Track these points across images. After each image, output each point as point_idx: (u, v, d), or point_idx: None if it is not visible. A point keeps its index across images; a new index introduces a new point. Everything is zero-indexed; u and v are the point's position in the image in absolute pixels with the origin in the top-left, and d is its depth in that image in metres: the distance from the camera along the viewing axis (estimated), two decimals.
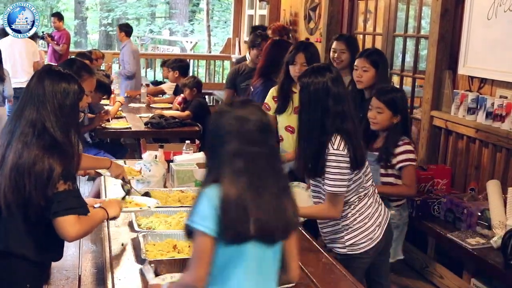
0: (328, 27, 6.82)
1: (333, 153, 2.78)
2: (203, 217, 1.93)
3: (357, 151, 2.81)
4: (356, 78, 4.02)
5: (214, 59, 12.42)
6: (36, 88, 2.41)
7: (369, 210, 2.95)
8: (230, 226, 1.91)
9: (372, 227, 2.94)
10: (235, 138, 1.96)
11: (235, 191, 1.92)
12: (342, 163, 2.78)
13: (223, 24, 22.52)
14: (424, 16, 5.59)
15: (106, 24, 23.33)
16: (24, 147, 2.33)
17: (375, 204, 2.99)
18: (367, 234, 2.93)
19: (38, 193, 2.31)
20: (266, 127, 2.01)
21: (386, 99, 3.45)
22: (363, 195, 2.93)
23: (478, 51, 4.37)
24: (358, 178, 2.88)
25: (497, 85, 4.23)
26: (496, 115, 4.11)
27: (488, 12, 4.23)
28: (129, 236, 2.87)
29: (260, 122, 1.99)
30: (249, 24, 9.75)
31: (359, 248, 2.92)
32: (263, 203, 1.94)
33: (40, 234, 2.43)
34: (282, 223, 1.99)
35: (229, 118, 1.99)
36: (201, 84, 6.80)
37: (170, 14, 23.79)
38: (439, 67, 4.74)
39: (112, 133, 5.91)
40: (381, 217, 3.00)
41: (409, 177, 3.47)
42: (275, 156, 2.05)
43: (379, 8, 6.11)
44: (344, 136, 2.79)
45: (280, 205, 1.99)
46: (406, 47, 5.73)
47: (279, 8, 8.67)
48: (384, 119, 3.45)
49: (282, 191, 2.02)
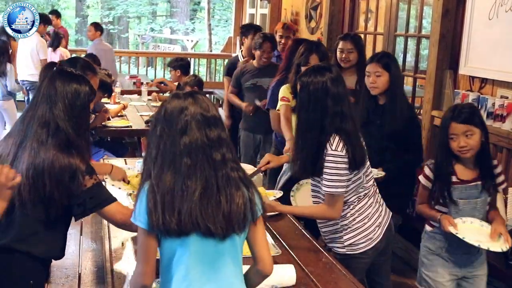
0: (329, 26, 6.82)
1: (332, 153, 2.77)
2: (139, 212, 1.96)
3: (356, 151, 2.79)
4: (370, 85, 3.80)
5: (215, 57, 12.42)
6: (48, 89, 2.44)
7: (369, 210, 2.94)
8: (158, 221, 1.91)
9: (372, 227, 2.94)
10: (164, 129, 1.97)
11: (162, 185, 1.93)
12: (340, 164, 2.77)
13: (224, 23, 22.52)
14: (425, 16, 5.59)
15: (107, 23, 23.32)
16: (40, 146, 2.35)
17: (375, 205, 2.98)
18: (367, 235, 2.92)
19: (61, 192, 2.34)
20: (203, 118, 1.99)
21: (477, 121, 2.99)
22: (362, 195, 2.92)
23: (479, 51, 4.37)
24: (357, 179, 2.87)
25: (498, 85, 4.23)
26: (497, 115, 4.11)
27: (489, 12, 4.22)
28: (129, 235, 2.88)
29: (196, 112, 1.98)
30: None
31: (358, 248, 2.92)
32: (189, 195, 1.93)
33: (50, 232, 2.44)
34: (220, 215, 1.96)
35: (164, 110, 2.00)
36: (203, 83, 6.80)
37: (171, 12, 23.80)
38: (440, 67, 4.74)
39: (112, 131, 5.91)
40: (381, 218, 2.99)
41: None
42: (214, 148, 1.99)
43: (380, 7, 6.11)
44: (343, 136, 2.78)
45: (218, 197, 1.96)
46: (407, 47, 5.73)
47: (280, 7, 8.66)
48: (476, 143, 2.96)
49: (226, 182, 1.98)
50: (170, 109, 1.99)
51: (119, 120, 6.12)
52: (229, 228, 1.98)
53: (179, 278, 1.98)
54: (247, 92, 5.69)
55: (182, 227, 1.93)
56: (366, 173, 2.92)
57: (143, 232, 1.97)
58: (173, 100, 2.02)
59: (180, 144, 1.95)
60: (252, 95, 5.62)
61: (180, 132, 1.96)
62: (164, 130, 1.98)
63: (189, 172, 1.94)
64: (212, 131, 1.99)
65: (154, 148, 1.99)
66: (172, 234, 1.94)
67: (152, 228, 1.94)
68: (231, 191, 1.99)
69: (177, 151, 1.95)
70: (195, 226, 1.93)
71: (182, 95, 2.04)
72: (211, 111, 2.02)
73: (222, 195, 1.97)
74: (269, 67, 5.58)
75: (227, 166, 2.01)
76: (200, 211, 1.93)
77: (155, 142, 1.99)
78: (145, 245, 1.99)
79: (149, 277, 2.00)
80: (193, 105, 1.99)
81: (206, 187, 1.95)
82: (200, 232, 1.95)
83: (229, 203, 1.97)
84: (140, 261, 2.01)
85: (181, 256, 1.97)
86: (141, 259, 2.01)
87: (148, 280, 2.00)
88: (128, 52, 15.68)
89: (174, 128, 1.96)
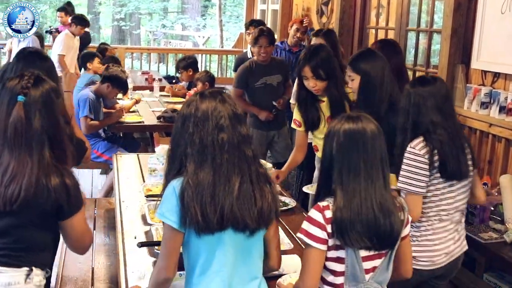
0: (340, 21, 6.79)
1: (408, 150, 2.75)
2: (168, 210, 1.97)
3: (448, 159, 2.74)
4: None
5: (227, 53, 12.45)
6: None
7: (444, 234, 2.84)
8: (195, 217, 1.92)
9: (439, 252, 2.83)
10: (198, 127, 1.99)
11: (200, 181, 1.94)
12: (415, 162, 2.73)
13: (235, 19, 22.50)
14: (436, 11, 5.56)
15: (119, 19, 23.39)
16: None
17: (454, 233, 2.88)
18: (431, 256, 2.81)
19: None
20: (234, 115, 2.03)
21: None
22: (445, 217, 2.83)
23: (492, 46, 4.34)
24: (446, 192, 2.80)
25: (511, 79, 4.21)
26: (509, 110, 4.08)
27: (502, 6, 4.20)
28: (142, 229, 2.90)
29: (228, 110, 2.02)
30: (262, 19, 9.74)
31: (415, 264, 2.72)
32: (230, 191, 1.95)
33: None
34: (255, 210, 1.99)
35: (194, 108, 2.02)
36: (214, 79, 6.79)
37: (183, 9, 23.82)
38: (452, 61, 4.72)
39: (125, 127, 5.94)
40: (454, 247, 2.88)
41: None
42: (246, 144, 2.04)
43: (392, 2, 6.09)
44: (430, 141, 2.75)
45: (253, 192, 2.00)
46: (419, 42, 5.71)
47: (292, 3, 8.65)
48: None
49: (257, 178, 2.03)
50: (203, 107, 2.01)
51: (131, 116, 6.15)
52: (261, 223, 2.03)
53: (212, 272, 2.01)
54: (259, 93, 5.33)
55: (222, 222, 1.95)
56: (458, 197, 2.85)
57: (171, 230, 1.98)
58: (203, 98, 2.04)
59: (218, 140, 1.97)
60: (264, 97, 5.32)
61: (218, 129, 1.98)
62: (197, 127, 1.99)
63: (229, 168, 1.97)
64: (243, 128, 2.05)
65: (188, 145, 1.99)
66: (210, 230, 1.95)
67: (183, 225, 1.96)
68: (262, 186, 2.03)
69: (216, 147, 1.97)
70: (234, 221, 1.97)
71: (209, 94, 2.07)
72: (239, 108, 2.08)
73: (256, 190, 2.01)
74: (274, 63, 5.37)
75: (256, 162, 2.06)
76: (239, 207, 1.96)
77: (188, 139, 2.00)
78: (172, 241, 2.01)
79: (172, 271, 2.03)
80: (223, 102, 2.03)
81: (243, 182, 1.98)
82: (235, 227, 1.98)
83: (262, 198, 2.02)
84: (164, 255, 2.03)
85: (214, 251, 2.00)
86: (165, 254, 2.03)
87: (171, 273, 2.03)
88: (140, 49, 15.69)
89: (210, 125, 1.98)
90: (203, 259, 2.02)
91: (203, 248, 2.00)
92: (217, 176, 1.96)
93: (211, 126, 1.98)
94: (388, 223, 2.09)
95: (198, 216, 1.92)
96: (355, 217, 2.05)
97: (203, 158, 1.97)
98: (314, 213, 2.12)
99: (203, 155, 1.97)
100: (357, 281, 2.13)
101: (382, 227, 2.07)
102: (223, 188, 1.95)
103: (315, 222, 2.10)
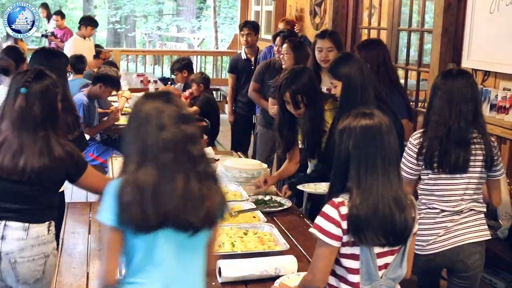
0: (333, 22, 6.85)
1: (409, 139, 3.00)
2: (105, 209, 1.94)
3: (442, 152, 2.88)
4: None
5: (221, 55, 12.50)
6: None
7: (437, 220, 2.96)
8: (134, 216, 1.89)
9: (426, 237, 2.94)
10: (141, 127, 1.96)
11: (141, 180, 1.91)
12: (407, 150, 2.96)
13: (230, 20, 22.51)
14: (427, 11, 5.62)
15: (114, 22, 23.38)
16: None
17: (447, 222, 2.97)
18: (419, 240, 2.88)
19: None
20: (179, 115, 1.99)
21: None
22: (436, 205, 2.97)
23: (481, 44, 4.39)
24: (442, 184, 2.95)
25: (501, 77, 4.25)
26: (500, 107, 4.13)
27: (491, 6, 4.25)
28: None
29: (172, 110, 1.98)
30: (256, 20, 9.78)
31: None
32: (174, 190, 1.92)
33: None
34: (203, 209, 1.96)
35: (138, 109, 2.00)
36: (209, 80, 6.81)
37: (178, 11, 23.81)
38: (443, 60, 4.77)
39: (120, 129, 5.92)
40: (449, 235, 2.97)
41: None
42: (192, 143, 1.99)
43: (384, 3, 6.14)
44: (429, 133, 2.92)
45: (200, 192, 1.96)
46: (411, 41, 5.76)
47: (285, 4, 8.69)
48: None
49: (205, 177, 1.99)
50: (146, 107, 1.98)
51: (126, 118, 6.14)
52: (206, 223, 1.99)
53: (149, 271, 1.98)
54: (269, 89, 5.42)
55: (164, 222, 1.91)
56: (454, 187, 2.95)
57: (110, 229, 1.95)
58: (148, 99, 2.02)
59: (161, 140, 1.93)
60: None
61: (160, 129, 1.94)
62: (139, 128, 1.96)
63: (173, 167, 1.94)
64: (189, 127, 2.00)
65: (131, 144, 1.98)
66: (150, 230, 1.92)
67: (121, 225, 1.92)
68: (211, 186, 2.00)
69: (158, 146, 1.93)
70: (176, 221, 1.93)
71: (155, 94, 2.07)
72: (185, 109, 2.05)
73: (204, 189, 1.97)
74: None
75: (204, 161, 2.02)
76: (184, 206, 1.93)
77: (130, 139, 1.98)
78: (112, 242, 1.96)
79: (114, 276, 1.98)
80: (168, 102, 1.99)
81: (188, 182, 1.95)
82: (176, 226, 1.94)
83: (210, 197, 1.98)
84: (105, 259, 1.99)
85: (153, 250, 1.96)
86: (107, 257, 1.98)
87: (112, 278, 1.98)
88: (135, 51, 15.76)
89: (152, 125, 1.94)
90: (139, 258, 1.98)
91: (140, 247, 1.96)
92: (161, 175, 1.92)
93: (153, 126, 1.94)
94: (403, 218, 2.09)
95: (138, 215, 1.89)
96: (372, 214, 2.05)
97: (143, 157, 1.93)
98: (329, 209, 2.10)
99: (144, 155, 1.93)
100: (372, 279, 2.13)
101: (398, 223, 2.08)
102: (166, 188, 1.92)
103: (330, 218, 2.09)
